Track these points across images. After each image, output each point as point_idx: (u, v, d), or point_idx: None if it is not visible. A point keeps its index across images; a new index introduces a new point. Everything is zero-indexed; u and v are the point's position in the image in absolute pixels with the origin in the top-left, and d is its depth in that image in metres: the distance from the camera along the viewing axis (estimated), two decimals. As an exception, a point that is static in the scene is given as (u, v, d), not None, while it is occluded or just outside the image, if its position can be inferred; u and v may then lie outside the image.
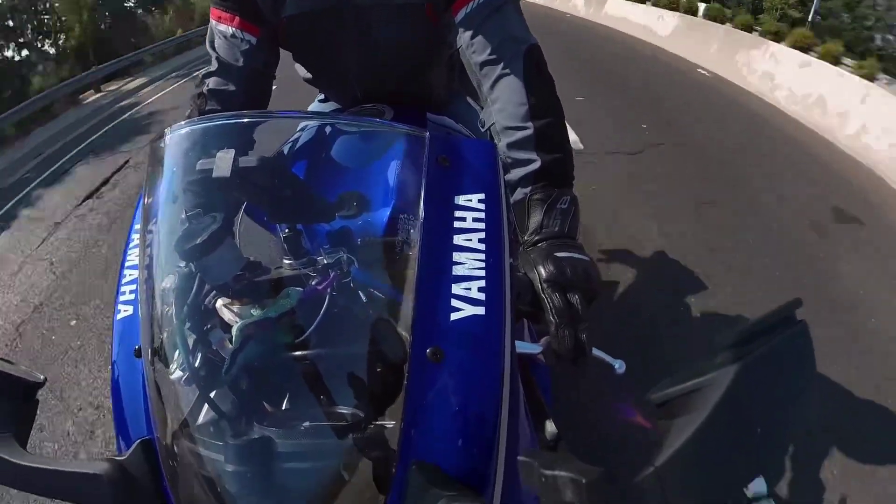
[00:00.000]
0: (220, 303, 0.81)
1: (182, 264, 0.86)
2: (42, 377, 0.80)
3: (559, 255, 0.80)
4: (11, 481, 0.66)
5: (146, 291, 0.90)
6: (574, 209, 0.87)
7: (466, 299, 0.73)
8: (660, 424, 0.50)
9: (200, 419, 0.77)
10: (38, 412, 0.81)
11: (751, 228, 3.13)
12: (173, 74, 11.39)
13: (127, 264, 1.03)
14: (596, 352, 0.86)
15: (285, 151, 1.02)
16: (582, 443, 1.49)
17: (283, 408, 0.72)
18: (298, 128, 1.08)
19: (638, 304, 2.20)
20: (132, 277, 1.00)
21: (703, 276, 2.47)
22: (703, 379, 0.46)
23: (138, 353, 0.89)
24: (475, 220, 0.79)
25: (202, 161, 0.84)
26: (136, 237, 0.98)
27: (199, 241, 0.82)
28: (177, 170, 0.91)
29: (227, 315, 0.79)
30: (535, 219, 0.87)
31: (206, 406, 0.77)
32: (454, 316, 0.71)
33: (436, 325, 0.70)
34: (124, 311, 0.97)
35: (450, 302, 0.72)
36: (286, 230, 0.84)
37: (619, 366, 0.91)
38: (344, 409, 0.68)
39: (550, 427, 0.81)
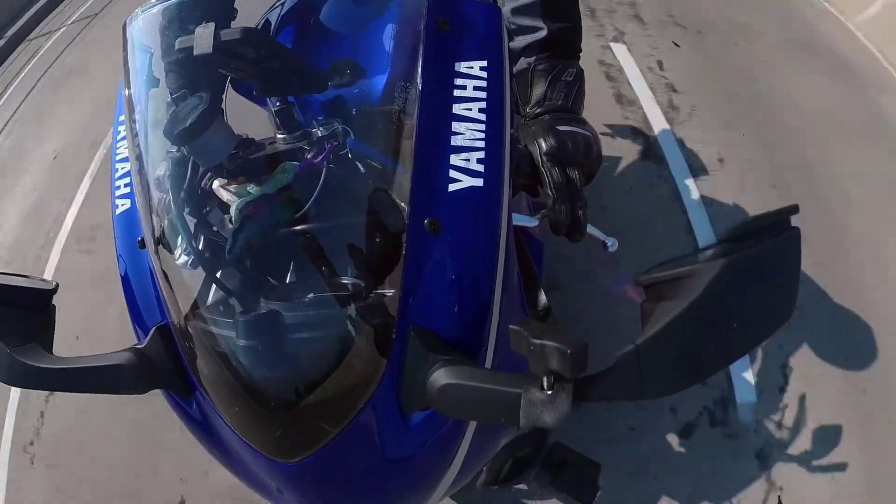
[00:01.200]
0: (216, 184, 0.78)
1: (173, 150, 0.82)
2: (54, 283, 0.81)
3: (561, 128, 0.75)
4: (43, 385, 0.68)
5: (141, 183, 0.87)
6: (579, 83, 0.81)
7: (465, 170, 0.69)
8: (644, 306, 0.51)
9: (210, 299, 0.77)
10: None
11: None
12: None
13: (117, 158, 1.00)
14: (591, 228, 0.83)
15: (271, 20, 0.93)
16: (570, 316, 1.52)
17: (287, 281, 0.72)
18: None
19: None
20: (125, 171, 0.98)
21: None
22: (690, 268, 0.46)
23: (142, 245, 0.88)
24: (476, 88, 0.73)
25: (181, 39, 0.77)
26: (122, 129, 0.94)
27: (187, 124, 0.78)
28: (155, 52, 0.84)
29: (224, 195, 0.76)
30: (539, 90, 0.82)
31: (213, 286, 0.77)
32: (452, 187, 0.68)
33: (434, 195, 0.68)
34: (122, 205, 0.95)
35: (448, 173, 0.69)
36: (277, 104, 0.79)
37: (612, 244, 0.89)
38: (345, 280, 0.68)
39: (542, 298, 0.80)
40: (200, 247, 0.78)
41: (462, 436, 0.70)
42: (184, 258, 0.79)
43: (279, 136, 0.78)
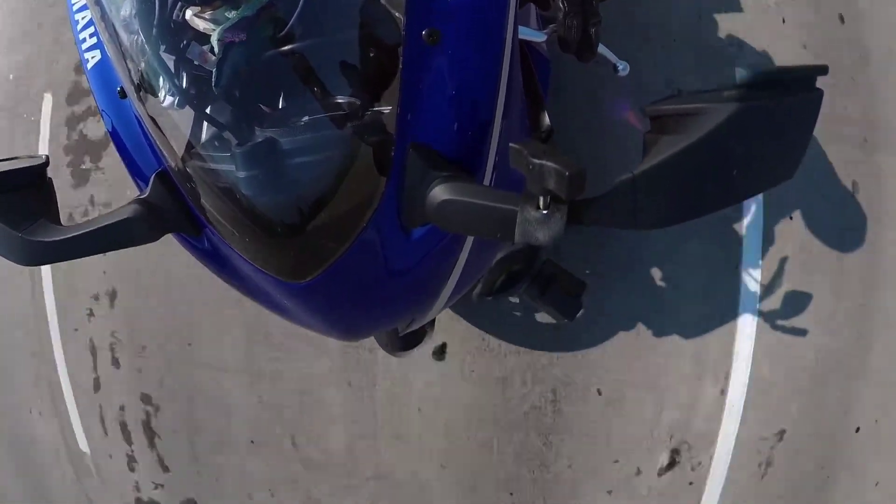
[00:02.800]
0: (189, 13, 0.73)
1: None
2: (44, 156, 0.79)
3: None
4: (61, 256, 0.71)
5: (107, 29, 0.81)
6: None
7: None
8: (647, 137, 0.50)
9: (203, 137, 0.77)
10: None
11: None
12: None
13: (74, 8, 0.93)
14: (602, 49, 0.80)
15: None
16: (571, 137, 1.51)
17: (280, 107, 0.71)
18: None
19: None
20: (86, 20, 0.91)
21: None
22: (702, 106, 0.44)
23: (122, 94, 0.85)
24: None
25: None
26: None
27: None
28: None
29: (201, 25, 0.72)
30: None
31: (205, 123, 0.76)
32: None
33: (432, 4, 0.64)
34: (92, 58, 0.90)
35: None
36: None
37: (623, 67, 0.86)
38: (340, 99, 0.67)
39: (545, 119, 0.80)
40: (184, 84, 0.75)
41: (461, 250, 0.75)
42: (169, 99, 0.77)
43: None
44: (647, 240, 1.39)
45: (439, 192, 0.61)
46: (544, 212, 0.50)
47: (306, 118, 0.68)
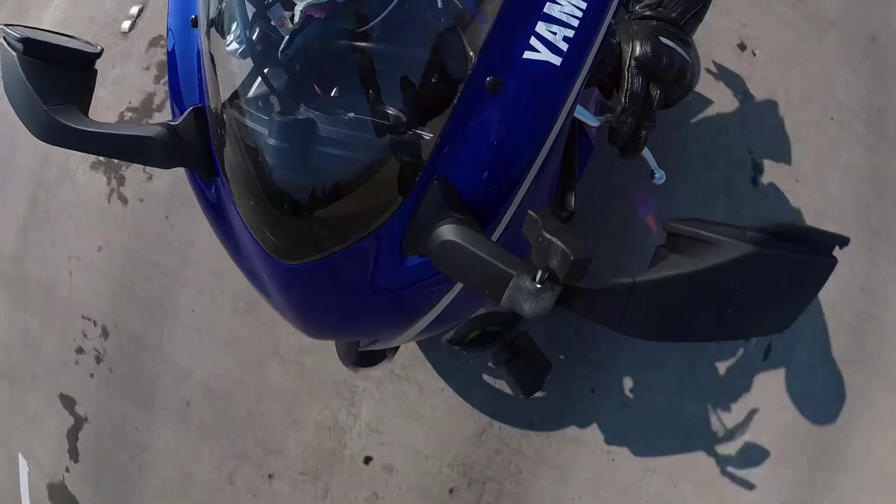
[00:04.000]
0: (286, -24, 0.74)
1: None
2: (99, 48, 0.80)
3: (664, 40, 0.70)
4: (76, 145, 0.69)
5: None
6: (703, 4, 0.74)
7: (547, 43, 0.65)
8: (659, 250, 0.50)
9: (251, 92, 0.77)
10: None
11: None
12: None
13: None
14: (647, 152, 0.81)
15: None
16: (586, 222, 1.52)
17: (332, 94, 0.71)
18: None
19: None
20: None
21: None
22: (721, 238, 0.44)
23: (195, 23, 0.86)
24: None
25: None
26: None
27: None
28: None
29: (291, -9, 0.74)
30: None
31: (258, 80, 0.76)
32: (528, 55, 0.65)
33: (507, 55, 0.65)
34: None
35: (529, 39, 0.65)
36: None
37: (660, 176, 0.87)
38: (389, 109, 0.67)
39: (571, 200, 0.81)
40: (254, 38, 0.76)
41: (446, 292, 0.74)
42: (234, 45, 0.78)
43: None
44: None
45: (446, 231, 0.61)
46: (538, 286, 0.49)
47: (351, 115, 0.68)
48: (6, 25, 0.72)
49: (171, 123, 0.78)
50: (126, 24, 2.22)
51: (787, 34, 1.86)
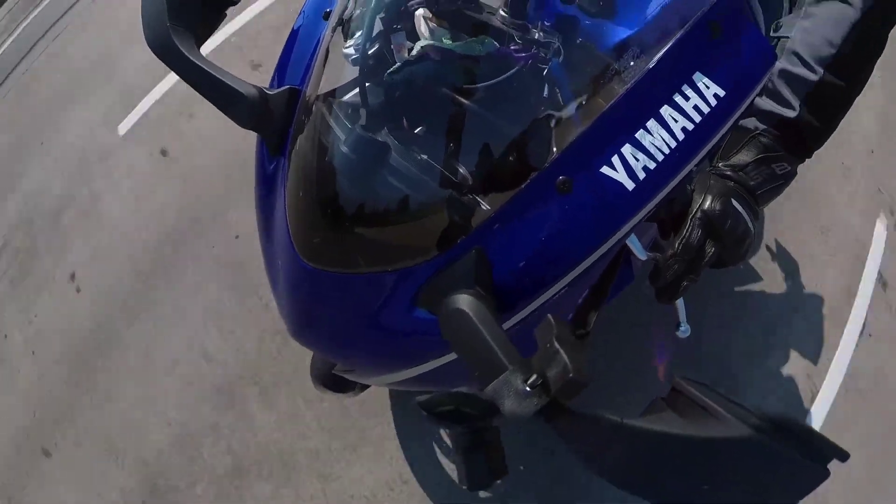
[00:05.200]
0: (421, 11, 0.78)
1: None
2: None
3: (735, 203, 0.69)
4: (175, 67, 0.72)
5: None
6: (783, 182, 0.73)
7: (627, 166, 0.66)
8: (657, 401, 0.49)
9: (346, 97, 0.80)
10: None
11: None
12: None
13: None
14: (680, 303, 0.79)
15: None
16: (600, 343, 1.50)
17: (415, 131, 0.73)
18: None
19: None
20: None
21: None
22: (723, 413, 0.43)
23: (326, 17, 0.91)
24: (696, 108, 0.68)
25: None
26: None
27: None
28: None
29: (420, 26, 0.77)
30: (744, 157, 0.74)
31: (356, 90, 0.79)
32: (605, 170, 0.66)
33: (586, 163, 0.66)
34: None
35: (612, 156, 0.66)
36: None
37: (684, 331, 0.84)
38: (460, 167, 0.68)
39: (591, 319, 0.79)
40: (370, 52, 0.80)
41: (438, 357, 0.73)
42: (351, 51, 0.82)
43: (502, 11, 0.76)
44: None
45: (463, 301, 0.60)
46: (527, 389, 0.48)
47: (425, 157, 0.70)
48: None
49: (266, 90, 0.81)
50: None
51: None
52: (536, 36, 0.72)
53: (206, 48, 0.86)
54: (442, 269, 0.66)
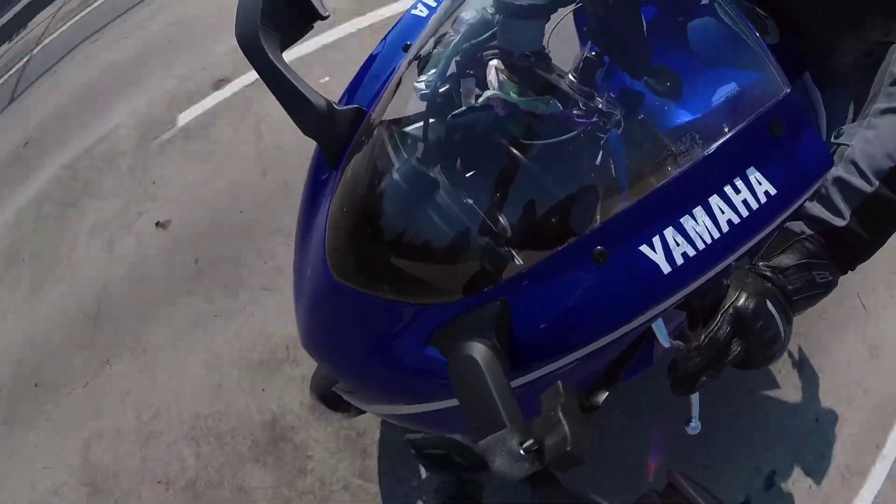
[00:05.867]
0: (494, 62, 0.81)
1: (492, 10, 0.86)
2: (328, 13, 0.89)
3: (770, 305, 0.67)
4: (258, 66, 0.76)
5: (446, 7, 0.94)
6: (822, 292, 0.72)
7: (666, 249, 0.66)
8: (651, 494, 0.48)
9: (408, 128, 0.84)
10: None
11: None
12: None
13: None
14: (695, 397, 0.76)
15: None
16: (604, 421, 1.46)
17: (466, 174, 0.75)
18: None
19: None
20: None
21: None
22: None
23: (405, 49, 0.97)
24: (745, 203, 0.68)
25: None
26: None
27: (523, 3, 0.81)
28: None
29: (491, 75, 0.80)
30: (786, 259, 0.73)
31: (419, 123, 0.83)
32: (644, 248, 0.65)
33: (625, 238, 0.66)
34: (420, 10, 1.04)
35: (653, 236, 0.66)
36: (594, 52, 0.79)
37: (694, 427, 0.81)
38: (502, 217, 0.69)
39: (601, 396, 0.77)
40: (440, 90, 0.83)
41: (438, 399, 0.73)
42: (422, 86, 0.86)
43: (571, 75, 0.79)
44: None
45: (476, 349, 0.60)
46: (521, 452, 0.48)
47: (470, 201, 0.71)
48: None
49: (335, 104, 0.86)
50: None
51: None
52: (600, 105, 0.74)
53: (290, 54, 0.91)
54: (461, 314, 0.67)
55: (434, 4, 1.03)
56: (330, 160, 0.88)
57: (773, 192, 0.69)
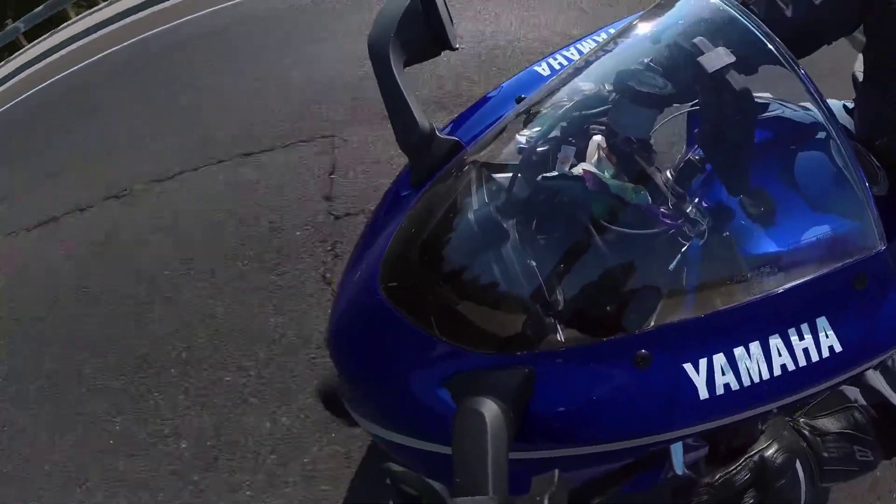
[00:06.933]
0: (598, 138, 0.83)
1: (609, 87, 0.87)
2: (457, 47, 0.94)
3: (798, 467, 0.65)
4: (378, 72, 0.80)
5: (568, 73, 0.96)
6: (858, 470, 0.69)
7: (711, 377, 0.63)
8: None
9: (497, 175, 0.86)
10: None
11: None
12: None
13: (580, 46, 1.10)
14: None
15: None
16: None
17: (538, 236, 0.76)
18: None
19: None
20: (570, 55, 1.08)
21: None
22: None
23: (518, 100, 1.00)
24: (805, 352, 0.65)
25: (700, 39, 0.74)
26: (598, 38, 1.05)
27: (642, 89, 0.82)
28: (677, 23, 0.83)
29: (591, 149, 0.82)
30: (830, 424, 0.71)
31: (509, 174, 0.85)
32: (687, 367, 0.64)
33: (671, 349, 0.64)
34: (542, 69, 1.07)
35: (699, 359, 0.64)
36: (697, 156, 0.79)
37: None
38: (557, 291, 0.70)
39: (594, 499, 0.74)
40: (537, 149, 0.86)
41: (434, 443, 0.72)
42: (523, 140, 0.88)
43: (669, 173, 0.79)
44: None
45: (488, 407, 0.59)
46: None
47: (532, 263, 0.72)
48: None
49: (437, 130, 0.89)
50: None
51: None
52: (689, 210, 0.73)
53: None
54: (485, 367, 0.67)
55: (558, 67, 1.07)
56: (416, 180, 0.92)
57: (838, 349, 0.65)
